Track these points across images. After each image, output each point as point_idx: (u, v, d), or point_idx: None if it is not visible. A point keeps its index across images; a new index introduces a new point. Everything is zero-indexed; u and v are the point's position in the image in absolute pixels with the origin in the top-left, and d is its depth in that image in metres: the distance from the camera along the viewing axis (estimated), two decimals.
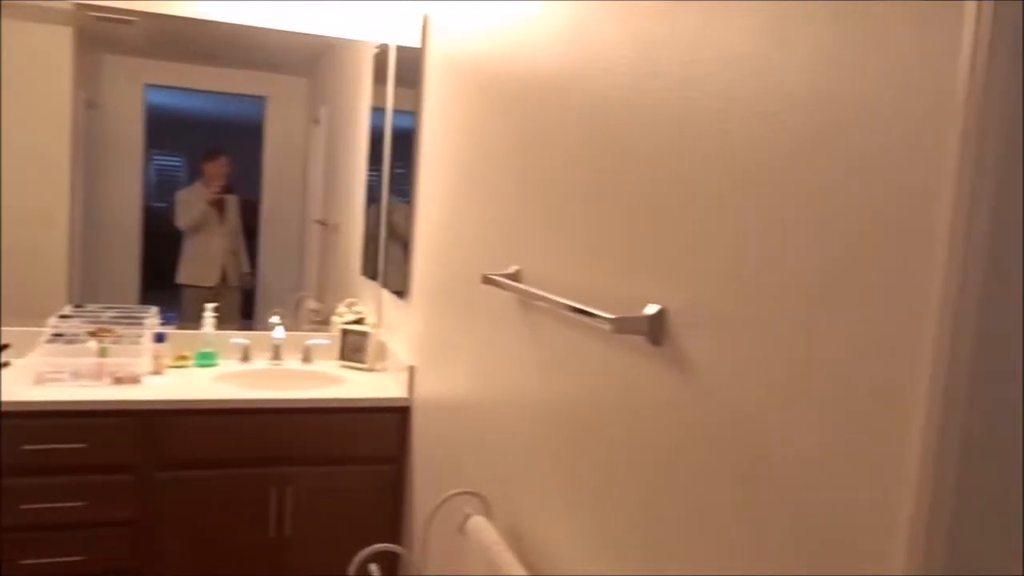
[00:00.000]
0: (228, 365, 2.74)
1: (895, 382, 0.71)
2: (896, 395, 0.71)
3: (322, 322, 3.03)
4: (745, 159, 0.91)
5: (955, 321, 0.66)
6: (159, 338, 2.58)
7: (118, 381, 2.38)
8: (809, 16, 0.82)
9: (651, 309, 1.09)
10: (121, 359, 2.45)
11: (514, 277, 1.56)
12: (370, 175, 3.02)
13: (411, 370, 2.40)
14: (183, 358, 2.69)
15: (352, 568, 1.61)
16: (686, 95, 1.02)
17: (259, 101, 3.02)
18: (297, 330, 2.97)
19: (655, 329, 1.08)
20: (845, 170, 0.77)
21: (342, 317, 2.93)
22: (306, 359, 2.85)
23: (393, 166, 2.74)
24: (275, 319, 2.89)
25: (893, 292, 0.72)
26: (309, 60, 3.06)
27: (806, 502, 0.80)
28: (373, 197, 2.98)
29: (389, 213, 2.78)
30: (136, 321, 2.63)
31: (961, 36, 0.65)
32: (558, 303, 1.27)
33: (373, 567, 1.68)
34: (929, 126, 0.68)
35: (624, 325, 1.10)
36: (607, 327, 1.11)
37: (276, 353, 2.81)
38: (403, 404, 2.42)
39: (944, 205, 0.67)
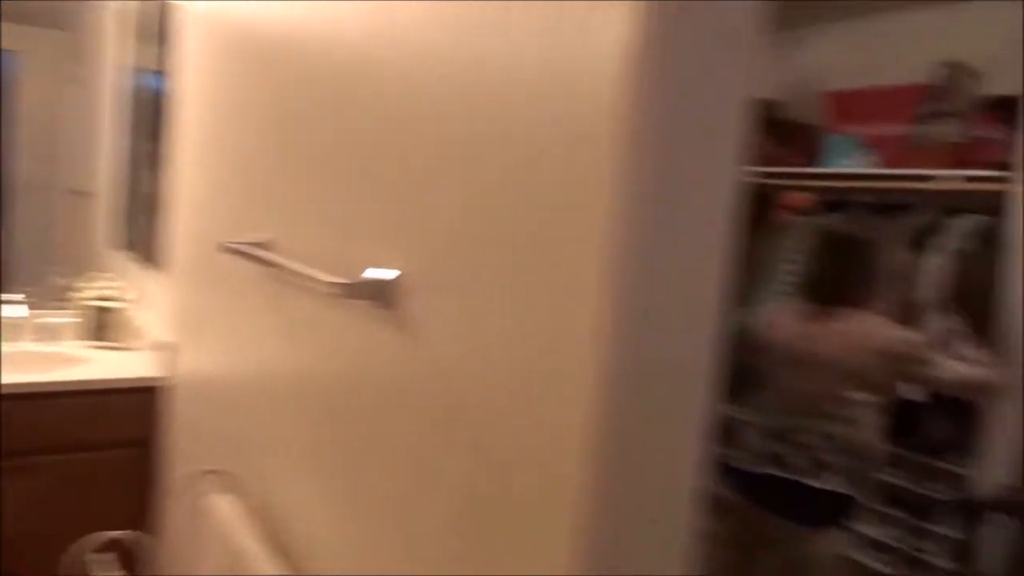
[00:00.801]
0: None
1: (579, 340, 0.74)
2: (578, 357, 0.74)
3: (74, 298, 2.78)
4: (455, 127, 0.92)
5: (618, 284, 0.70)
6: None
7: None
8: None
9: (379, 273, 1.08)
10: None
11: (265, 246, 1.50)
12: (129, 140, 2.79)
13: (166, 347, 2.25)
14: None
15: (70, 559, 1.49)
16: (416, 61, 1.01)
17: (8, 56, 2.69)
18: (48, 307, 2.70)
19: (384, 293, 1.07)
20: (528, 145, 0.80)
21: (93, 293, 2.70)
22: (48, 339, 2.60)
23: (152, 131, 2.55)
24: (13, 296, 2.60)
25: (569, 258, 0.75)
26: (67, 13, 2.78)
27: (508, 452, 0.83)
28: (131, 164, 2.76)
29: (146, 181, 2.58)
30: None
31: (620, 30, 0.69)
32: (290, 269, 1.23)
33: (105, 557, 1.56)
34: (597, 110, 0.72)
35: (352, 290, 1.09)
36: (335, 292, 1.09)
37: (13, 334, 2.54)
38: (156, 383, 2.27)
39: (607, 179, 0.70)
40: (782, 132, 3.34)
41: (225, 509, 1.41)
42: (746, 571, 2.31)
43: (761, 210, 3.15)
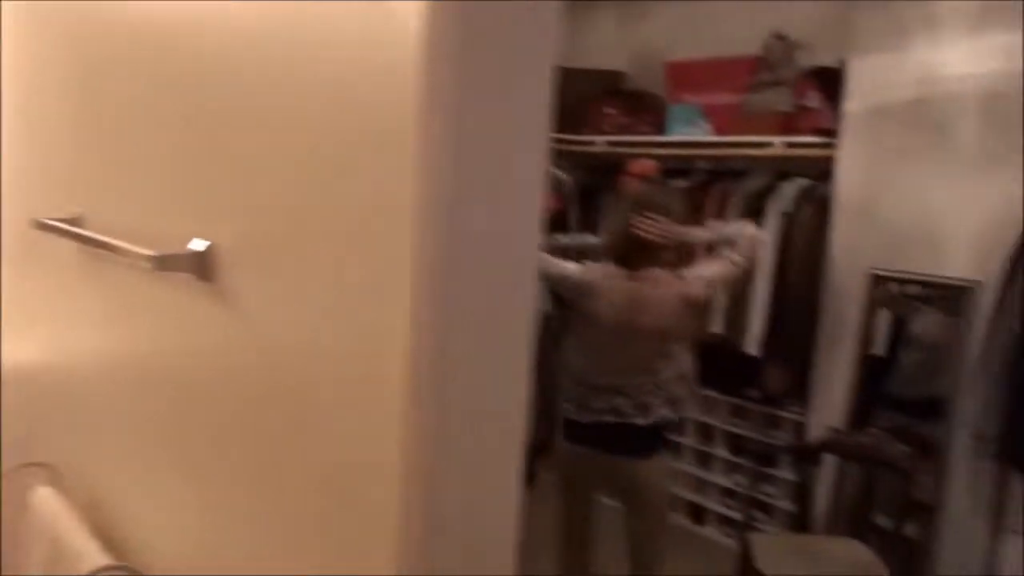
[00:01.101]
0: None
1: (393, 309, 0.74)
2: (394, 326, 0.74)
3: None
4: (263, 99, 0.89)
5: (430, 253, 0.70)
6: None
7: None
8: None
9: (197, 245, 1.04)
10: None
11: (80, 222, 1.41)
12: None
13: None
14: None
15: None
16: (225, 32, 0.97)
17: None
18: None
19: (201, 266, 1.03)
20: (336, 119, 0.78)
21: None
22: None
23: None
24: None
25: (379, 229, 0.74)
26: None
27: (331, 423, 0.82)
28: None
29: None
30: None
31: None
32: (107, 245, 1.17)
33: None
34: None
35: (166, 263, 1.04)
36: (150, 265, 1.04)
37: None
38: None
39: (412, 151, 0.70)
40: (628, 102, 3.45)
41: (50, 503, 1.33)
42: (587, 511, 2.43)
43: (610, 177, 3.25)
